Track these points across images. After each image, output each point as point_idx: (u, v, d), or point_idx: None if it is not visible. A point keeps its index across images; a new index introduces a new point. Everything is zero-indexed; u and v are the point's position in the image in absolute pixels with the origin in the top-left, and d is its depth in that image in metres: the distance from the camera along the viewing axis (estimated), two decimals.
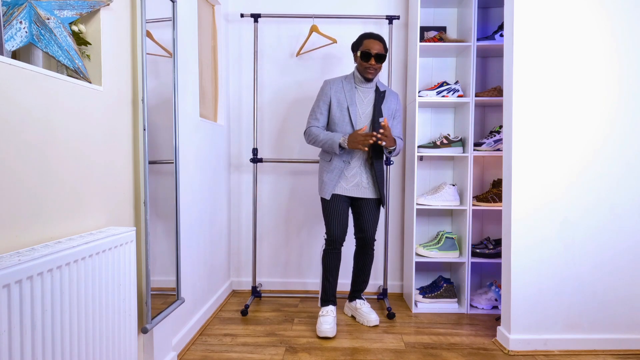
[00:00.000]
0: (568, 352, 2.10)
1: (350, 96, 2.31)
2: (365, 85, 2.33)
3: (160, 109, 1.81)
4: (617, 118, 2.09)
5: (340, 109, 2.32)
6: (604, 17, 2.06)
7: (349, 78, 2.36)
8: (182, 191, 2.05)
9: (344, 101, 2.31)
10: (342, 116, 2.31)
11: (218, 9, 2.75)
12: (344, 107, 2.31)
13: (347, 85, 2.33)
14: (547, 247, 2.10)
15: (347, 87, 2.33)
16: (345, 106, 2.31)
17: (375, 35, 2.29)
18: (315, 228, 3.03)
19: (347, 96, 2.31)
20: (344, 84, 2.34)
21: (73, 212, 1.28)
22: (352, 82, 2.34)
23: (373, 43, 2.26)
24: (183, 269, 2.07)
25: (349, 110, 2.29)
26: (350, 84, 2.33)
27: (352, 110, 2.29)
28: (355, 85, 2.34)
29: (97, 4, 1.36)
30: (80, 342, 1.15)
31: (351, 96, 2.31)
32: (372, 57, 2.24)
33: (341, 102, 2.32)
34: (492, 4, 2.82)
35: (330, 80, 2.37)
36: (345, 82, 2.34)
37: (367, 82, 2.32)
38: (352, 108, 2.30)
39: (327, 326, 2.23)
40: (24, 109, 1.08)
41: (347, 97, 2.31)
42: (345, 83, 2.34)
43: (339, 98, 2.32)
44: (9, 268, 0.89)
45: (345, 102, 2.31)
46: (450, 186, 2.69)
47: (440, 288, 2.71)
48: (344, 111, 2.31)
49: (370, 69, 2.26)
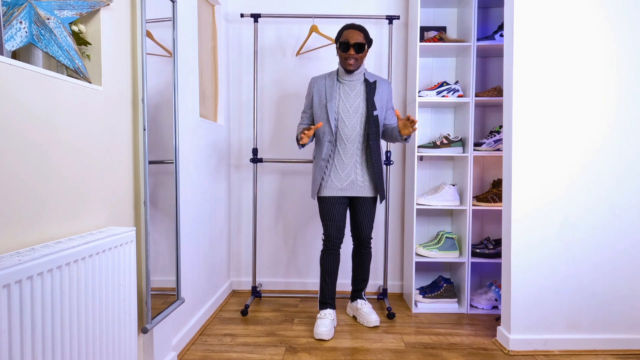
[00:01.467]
0: (568, 352, 2.10)
1: (330, 92, 2.29)
2: (350, 78, 2.30)
3: (160, 108, 1.81)
4: (617, 118, 2.09)
5: (320, 106, 2.31)
6: (603, 17, 2.06)
7: (333, 74, 2.35)
8: (182, 191, 2.05)
9: (323, 98, 2.31)
10: (322, 113, 2.30)
11: (218, 9, 2.75)
12: (323, 103, 2.31)
13: (329, 81, 2.32)
14: (547, 247, 2.10)
15: (328, 84, 2.31)
16: (323, 103, 2.30)
17: (356, 25, 2.26)
18: (315, 228, 3.03)
19: (327, 92, 2.30)
20: (326, 80, 2.33)
21: (73, 212, 1.28)
22: (334, 78, 2.32)
23: (352, 33, 2.23)
24: (183, 269, 2.07)
25: (327, 107, 2.28)
26: (332, 80, 2.32)
27: (329, 106, 2.27)
28: (338, 79, 2.32)
29: (97, 4, 1.36)
30: (80, 342, 1.15)
31: (331, 92, 2.29)
32: (350, 46, 2.21)
33: (321, 98, 2.31)
34: (492, 4, 2.82)
35: (315, 77, 2.37)
36: (328, 79, 2.33)
37: (349, 74, 2.29)
38: (330, 104, 2.28)
39: (324, 329, 2.23)
40: (24, 109, 1.08)
41: (327, 93, 2.30)
42: (328, 79, 2.33)
43: (320, 94, 2.32)
44: (9, 268, 0.89)
45: (325, 98, 2.30)
46: (450, 186, 2.69)
47: (440, 288, 2.71)
48: (323, 108, 2.30)
49: (349, 59, 2.23)
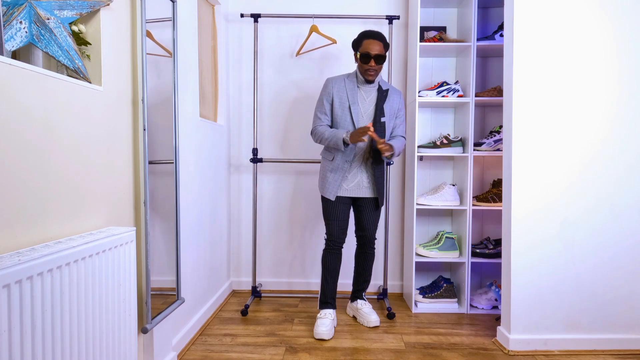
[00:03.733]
0: (568, 352, 2.10)
1: (353, 95, 2.29)
2: (367, 85, 2.32)
3: (160, 109, 1.81)
4: (617, 118, 2.09)
5: (342, 108, 2.30)
6: (603, 17, 2.06)
7: (352, 77, 2.34)
8: (182, 191, 2.04)
9: (345, 100, 2.30)
10: (344, 115, 2.30)
11: (218, 9, 2.75)
12: (345, 106, 2.30)
13: (349, 84, 2.32)
14: (547, 247, 2.10)
15: (349, 86, 2.31)
16: (347, 105, 2.29)
17: (375, 34, 2.25)
18: (316, 228, 3.03)
19: (350, 95, 2.30)
20: (346, 83, 2.32)
21: (73, 212, 1.28)
22: (354, 81, 2.32)
23: (372, 44, 2.23)
24: (183, 269, 2.07)
25: (351, 109, 2.28)
26: (352, 83, 2.32)
27: (353, 109, 2.28)
28: (357, 84, 2.33)
29: (97, 4, 1.36)
30: (80, 342, 1.15)
31: (353, 95, 2.29)
32: (371, 58, 2.22)
33: (343, 101, 2.30)
34: (492, 4, 2.82)
35: (332, 78, 2.36)
36: (348, 81, 2.33)
37: (368, 83, 2.31)
38: (354, 107, 2.28)
39: (324, 328, 2.23)
40: (24, 109, 1.08)
41: (349, 96, 2.30)
42: (348, 82, 2.32)
43: (341, 97, 2.31)
44: (9, 268, 0.89)
45: (347, 101, 2.29)
46: (450, 186, 2.69)
47: (440, 288, 2.71)
48: (346, 110, 2.30)
49: (370, 70, 2.24)
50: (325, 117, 2.34)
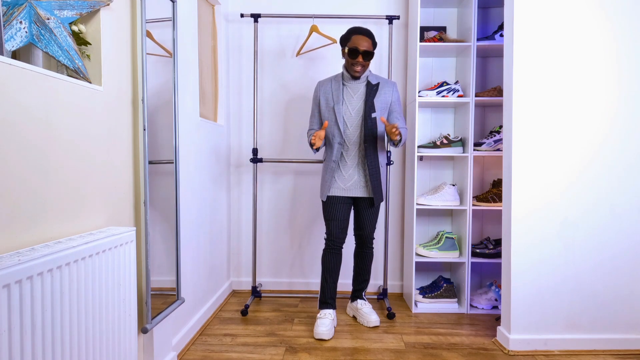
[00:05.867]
0: (568, 352, 2.10)
1: (337, 95, 2.31)
2: (355, 82, 2.32)
3: (160, 109, 1.81)
4: (617, 118, 2.09)
5: (327, 109, 2.33)
6: (603, 17, 2.06)
7: (338, 77, 2.36)
8: (182, 191, 2.05)
9: (330, 101, 2.32)
10: (330, 116, 2.32)
11: (218, 9, 2.75)
12: (330, 106, 2.32)
13: (335, 84, 2.33)
14: (547, 247, 2.10)
15: (334, 86, 2.33)
16: (331, 106, 2.31)
17: (364, 30, 2.26)
18: (316, 228, 3.03)
19: (334, 95, 2.31)
20: (332, 83, 2.34)
21: (73, 212, 1.28)
22: (339, 81, 2.33)
23: (361, 39, 2.23)
24: (183, 269, 2.07)
25: (335, 109, 2.29)
26: (337, 83, 2.33)
27: (337, 109, 2.29)
28: (343, 82, 2.33)
29: (97, 4, 1.36)
30: (80, 342, 1.15)
31: (338, 95, 2.31)
32: (359, 54, 2.22)
33: (328, 102, 2.32)
34: (492, 4, 2.82)
35: (321, 81, 2.39)
36: (334, 81, 2.35)
37: (355, 80, 2.31)
38: (338, 107, 2.29)
39: (324, 328, 2.23)
40: (24, 109, 1.08)
41: (333, 96, 2.31)
42: (334, 82, 2.34)
43: (327, 98, 2.33)
44: (9, 268, 0.89)
45: (332, 101, 2.31)
46: (450, 186, 2.69)
47: (440, 288, 2.71)
48: (330, 111, 2.31)
49: (356, 65, 2.25)
50: (314, 120, 2.41)
